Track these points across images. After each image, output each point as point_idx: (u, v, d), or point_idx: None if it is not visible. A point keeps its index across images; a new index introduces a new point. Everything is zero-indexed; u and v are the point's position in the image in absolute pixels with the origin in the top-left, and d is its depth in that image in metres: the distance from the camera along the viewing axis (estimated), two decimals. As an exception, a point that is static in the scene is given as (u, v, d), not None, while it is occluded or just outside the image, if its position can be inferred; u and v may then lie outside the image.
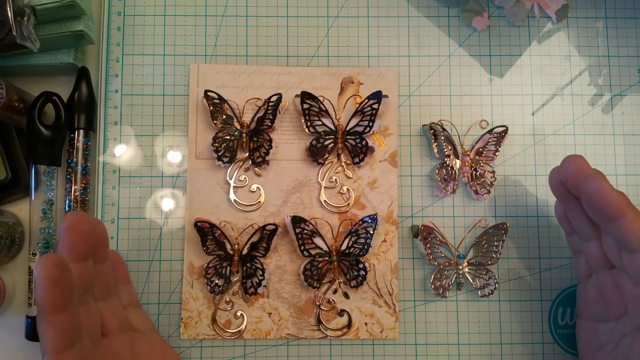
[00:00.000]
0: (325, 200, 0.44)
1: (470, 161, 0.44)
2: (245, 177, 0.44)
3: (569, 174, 0.36)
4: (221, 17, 0.45)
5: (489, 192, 0.44)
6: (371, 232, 0.42)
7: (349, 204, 0.44)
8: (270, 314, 0.43)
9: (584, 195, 0.35)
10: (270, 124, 0.43)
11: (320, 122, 0.43)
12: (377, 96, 0.43)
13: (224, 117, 0.43)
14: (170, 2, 0.45)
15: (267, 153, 0.43)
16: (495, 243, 0.43)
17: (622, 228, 0.33)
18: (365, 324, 0.43)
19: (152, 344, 0.38)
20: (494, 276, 0.43)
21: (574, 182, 0.35)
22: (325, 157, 0.44)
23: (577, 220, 0.37)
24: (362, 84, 0.45)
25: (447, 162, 0.44)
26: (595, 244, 0.37)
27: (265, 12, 0.45)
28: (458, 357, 0.43)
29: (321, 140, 0.43)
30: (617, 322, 0.37)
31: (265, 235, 0.42)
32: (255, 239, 0.42)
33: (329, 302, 0.43)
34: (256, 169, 0.44)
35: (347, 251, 0.43)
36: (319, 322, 0.43)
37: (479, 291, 0.43)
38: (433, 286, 0.43)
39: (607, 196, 0.33)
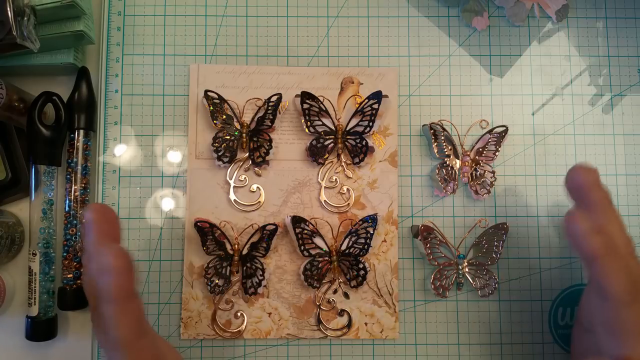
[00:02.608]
0: (325, 200, 0.44)
1: (470, 161, 0.44)
2: (245, 177, 0.44)
3: (570, 186, 0.36)
4: (221, 17, 0.45)
5: (489, 192, 0.44)
6: (371, 232, 0.42)
7: (349, 204, 0.44)
8: (270, 314, 0.43)
9: (565, 231, 0.34)
10: (270, 124, 0.43)
11: (320, 122, 0.43)
12: (377, 96, 0.43)
13: (224, 117, 0.43)
14: (170, 2, 0.45)
15: (267, 153, 0.43)
16: (495, 243, 0.43)
17: (593, 273, 0.33)
18: (365, 324, 0.43)
19: (162, 340, 0.38)
20: (494, 276, 0.43)
21: (573, 195, 0.36)
22: (325, 157, 0.44)
23: None
24: (362, 84, 0.45)
25: (447, 162, 0.44)
26: None
27: (265, 12, 0.45)
28: (458, 357, 0.43)
29: (321, 140, 0.43)
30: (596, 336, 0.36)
31: (265, 235, 0.42)
32: (255, 239, 0.42)
33: (329, 302, 0.43)
34: (256, 169, 0.44)
35: (347, 251, 0.43)
36: (319, 322, 0.43)
37: (479, 291, 0.43)
38: (433, 286, 0.43)
39: (583, 242, 0.33)
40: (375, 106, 0.43)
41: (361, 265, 0.42)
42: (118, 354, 0.29)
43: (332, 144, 0.44)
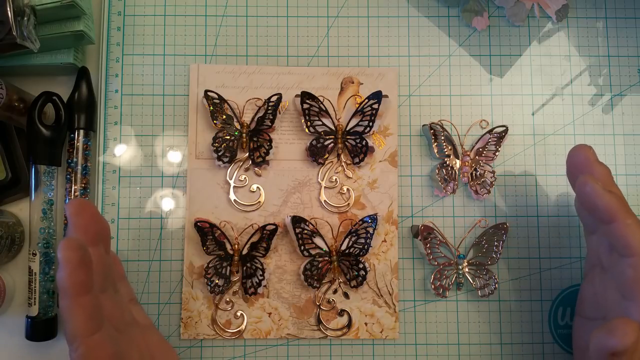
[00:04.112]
0: (325, 200, 0.44)
1: (470, 161, 0.44)
2: (245, 177, 0.44)
3: (571, 165, 0.37)
4: (221, 17, 0.45)
5: (489, 192, 0.44)
6: (371, 232, 0.42)
7: (349, 204, 0.44)
8: (270, 314, 0.43)
9: (578, 196, 0.35)
10: (270, 124, 0.43)
11: (320, 122, 0.43)
12: (377, 96, 0.43)
13: (224, 117, 0.43)
14: (170, 2, 0.45)
15: (267, 153, 0.43)
16: (495, 243, 0.43)
17: (612, 232, 0.34)
18: (365, 324, 0.43)
19: (156, 339, 0.38)
20: (494, 276, 0.43)
21: (575, 174, 0.37)
22: (325, 157, 0.44)
23: (579, 211, 0.38)
24: (362, 84, 0.45)
25: (447, 162, 0.44)
26: (595, 238, 0.37)
27: (265, 12, 0.45)
28: (458, 357, 0.43)
29: (321, 140, 0.43)
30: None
31: (265, 235, 0.42)
32: (255, 239, 0.42)
33: (329, 302, 0.43)
34: (256, 169, 0.44)
35: (347, 251, 0.43)
36: (319, 322, 0.43)
37: (479, 291, 0.43)
38: (433, 286, 0.43)
39: (599, 200, 0.34)
40: (375, 106, 0.43)
41: (361, 265, 0.42)
42: (72, 348, 0.29)
43: (332, 144, 0.44)
